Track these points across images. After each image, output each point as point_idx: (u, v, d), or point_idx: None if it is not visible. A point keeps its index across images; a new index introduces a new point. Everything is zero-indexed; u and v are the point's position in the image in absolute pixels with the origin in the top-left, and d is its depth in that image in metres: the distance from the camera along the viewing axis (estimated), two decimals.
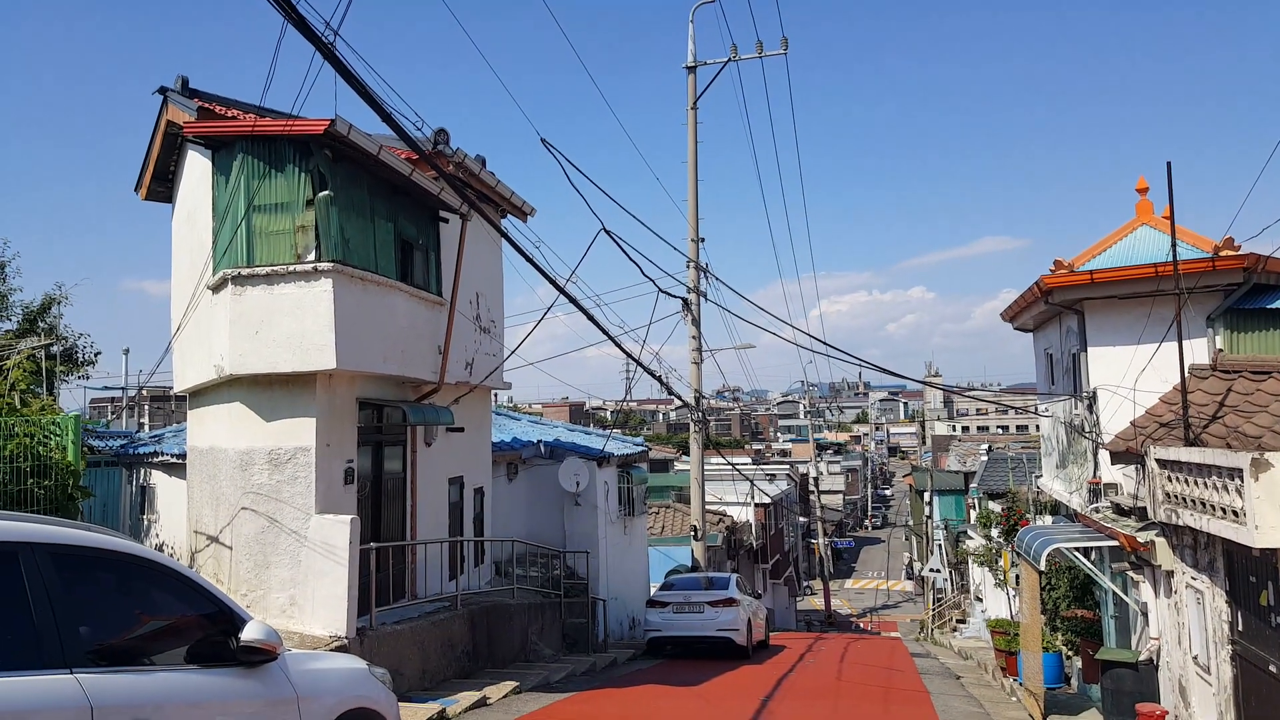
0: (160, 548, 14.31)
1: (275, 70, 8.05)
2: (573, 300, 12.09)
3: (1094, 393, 11.64)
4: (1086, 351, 11.97)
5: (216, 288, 10.37)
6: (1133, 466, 9.83)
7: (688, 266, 20.42)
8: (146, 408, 25.66)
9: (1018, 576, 14.92)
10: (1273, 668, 6.71)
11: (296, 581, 9.78)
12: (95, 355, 18.57)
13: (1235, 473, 6.66)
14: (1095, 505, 11.34)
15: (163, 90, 11.37)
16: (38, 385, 12.33)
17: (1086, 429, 12.00)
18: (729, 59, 20.95)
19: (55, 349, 16.52)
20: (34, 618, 3.52)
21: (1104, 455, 10.80)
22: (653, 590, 18.21)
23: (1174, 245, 9.59)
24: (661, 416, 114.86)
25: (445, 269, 12.44)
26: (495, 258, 14.77)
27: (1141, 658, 9.73)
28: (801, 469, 55.40)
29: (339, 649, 8.87)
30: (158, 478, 15.59)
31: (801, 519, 52.34)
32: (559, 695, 10.71)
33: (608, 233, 13.58)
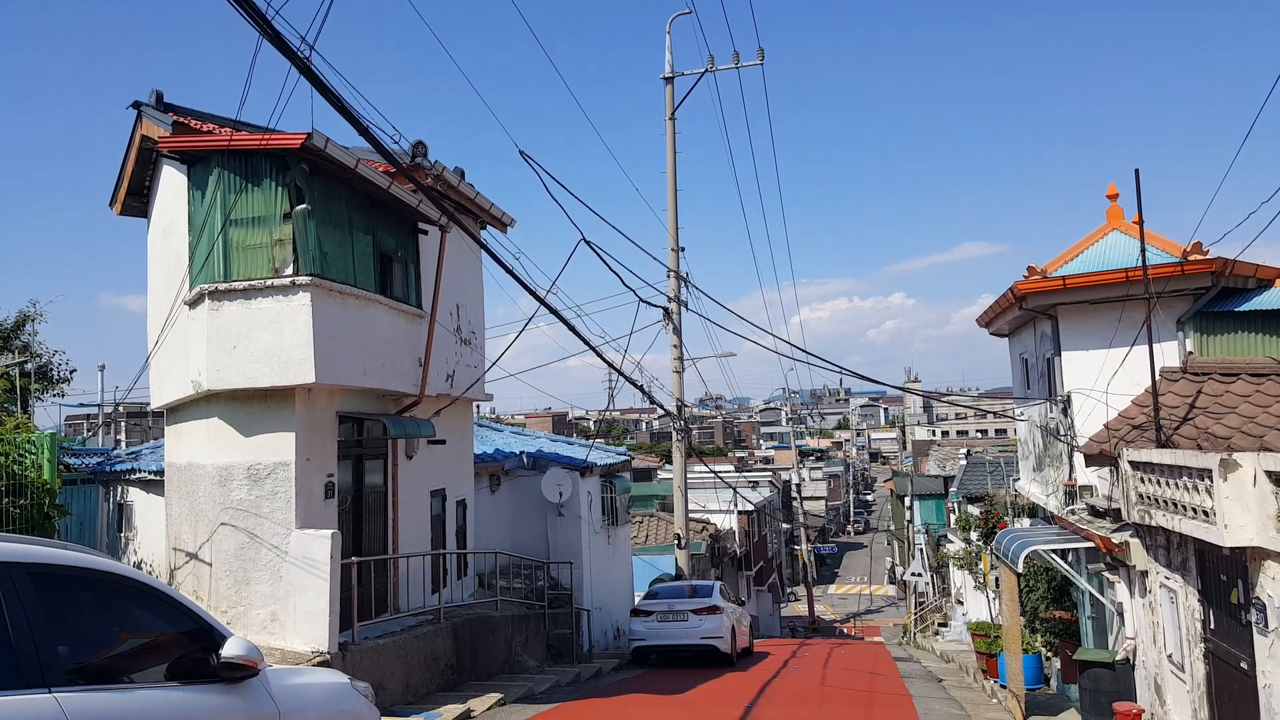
0: (139, 565, 14.15)
1: (251, 84, 8.05)
2: (553, 311, 12.11)
3: (1068, 396, 11.80)
4: (1060, 356, 12.14)
5: (193, 303, 10.32)
6: (1107, 469, 9.99)
7: (668, 276, 20.52)
8: (123, 424, 25.38)
9: (997, 579, 15.08)
10: (1244, 664, 6.84)
11: (277, 597, 9.71)
12: (70, 373, 18.42)
13: (1205, 473, 6.80)
14: (1071, 507, 11.49)
15: (137, 105, 11.27)
16: (11, 403, 12.22)
17: (1061, 432, 12.17)
18: (706, 70, 21.11)
19: (30, 366, 16.35)
20: (12, 637, 3.51)
21: (1079, 458, 10.95)
22: (637, 599, 18.21)
23: (1143, 250, 9.77)
24: (644, 425, 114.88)
25: (425, 281, 12.43)
26: (475, 269, 14.77)
27: (1118, 657, 9.86)
28: (784, 476, 55.58)
29: (321, 664, 8.82)
30: (135, 495, 15.42)
31: (785, 525, 52.48)
32: (544, 706, 10.69)
33: (588, 243, 13.63)
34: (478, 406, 18.81)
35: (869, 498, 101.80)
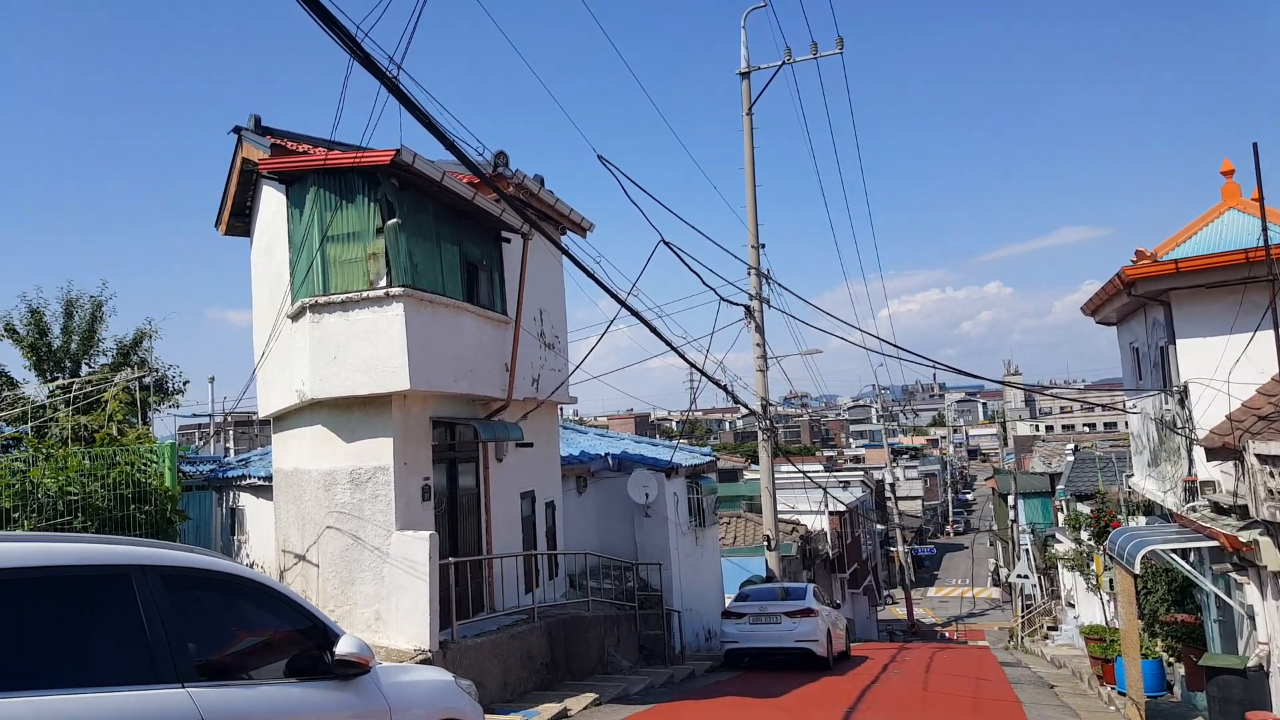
0: (251, 566, 14.76)
1: (343, 105, 8.33)
2: (634, 313, 12.15)
3: (1185, 387, 11.16)
4: (1175, 344, 11.49)
5: (295, 316, 10.74)
6: (1230, 463, 9.37)
7: (749, 273, 20.32)
8: (231, 432, 26.57)
9: (1111, 581, 14.37)
10: None
11: (380, 597, 10.01)
12: (184, 384, 19.34)
13: None
14: (1192, 504, 10.85)
15: (237, 129, 11.81)
16: (133, 415, 12.91)
17: (1178, 425, 11.50)
18: (783, 62, 20.82)
19: (148, 380, 17.27)
20: (148, 635, 3.69)
21: (1199, 452, 10.34)
22: (728, 601, 18.05)
23: (1265, 229, 9.16)
24: (728, 425, 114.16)
25: (509, 288, 12.63)
26: (556, 274, 14.94)
27: (1250, 664, 9.23)
28: (876, 475, 54.34)
29: (423, 662, 9.03)
30: (246, 499, 16.13)
31: (879, 526, 51.29)
32: (639, 707, 10.69)
33: (667, 244, 13.62)
34: (562, 409, 19.02)
35: (968, 497, 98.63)
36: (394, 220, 10.15)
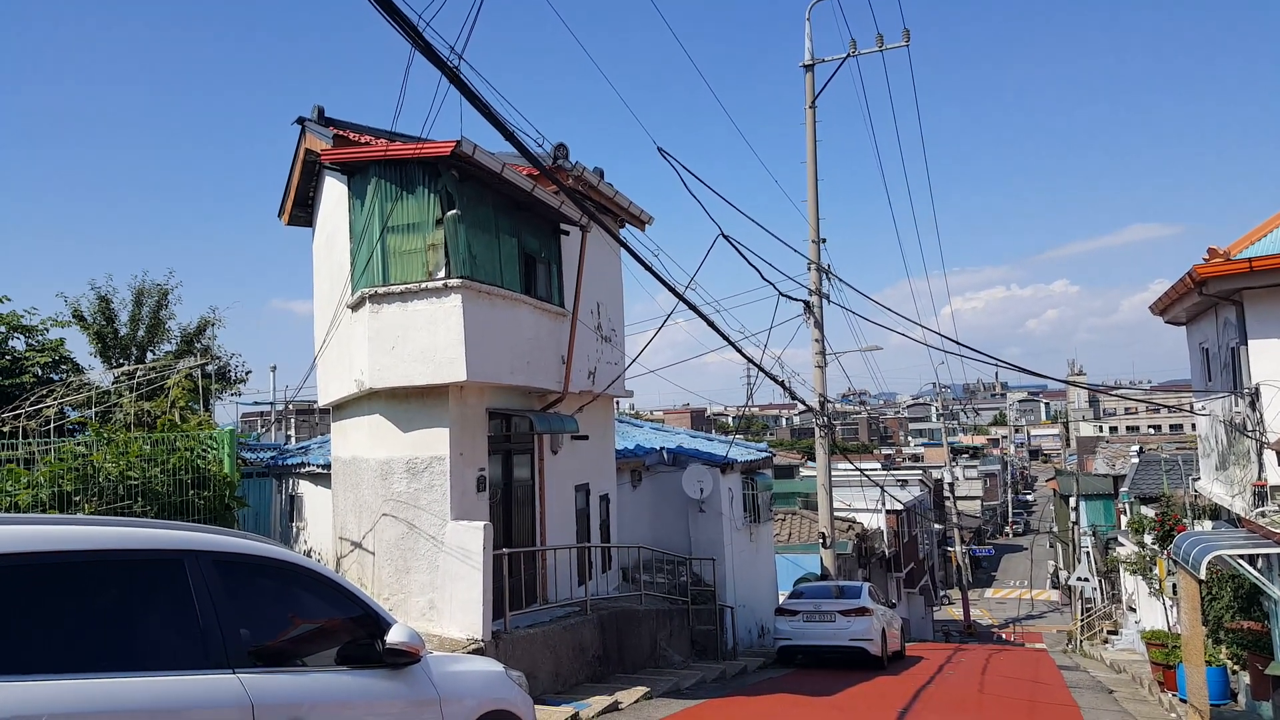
0: (308, 554, 15.11)
1: (405, 95, 8.48)
2: (692, 307, 12.13)
3: (1256, 389, 10.75)
4: (1247, 345, 11.09)
5: (355, 306, 10.97)
6: None
7: (809, 268, 20.11)
8: (292, 420, 27.24)
9: (1175, 586, 13.95)
10: None
11: (435, 586, 10.18)
12: (246, 373, 19.87)
13: None
14: (1261, 509, 10.47)
15: (300, 120, 12.05)
16: (195, 402, 13.24)
17: (1249, 428, 11.09)
18: (847, 54, 20.53)
19: (210, 368, 17.76)
20: (200, 620, 3.72)
21: (1270, 455, 9.96)
22: (781, 598, 17.96)
23: None
24: (784, 422, 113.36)
25: (566, 280, 12.71)
26: (615, 267, 14.97)
27: None
28: (935, 474, 53.38)
29: (475, 652, 9.17)
30: (304, 487, 16.52)
31: (937, 526, 50.38)
32: (690, 702, 10.71)
33: (726, 238, 13.57)
34: (618, 403, 19.09)
35: (1029, 498, 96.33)
36: (453, 211, 10.29)
